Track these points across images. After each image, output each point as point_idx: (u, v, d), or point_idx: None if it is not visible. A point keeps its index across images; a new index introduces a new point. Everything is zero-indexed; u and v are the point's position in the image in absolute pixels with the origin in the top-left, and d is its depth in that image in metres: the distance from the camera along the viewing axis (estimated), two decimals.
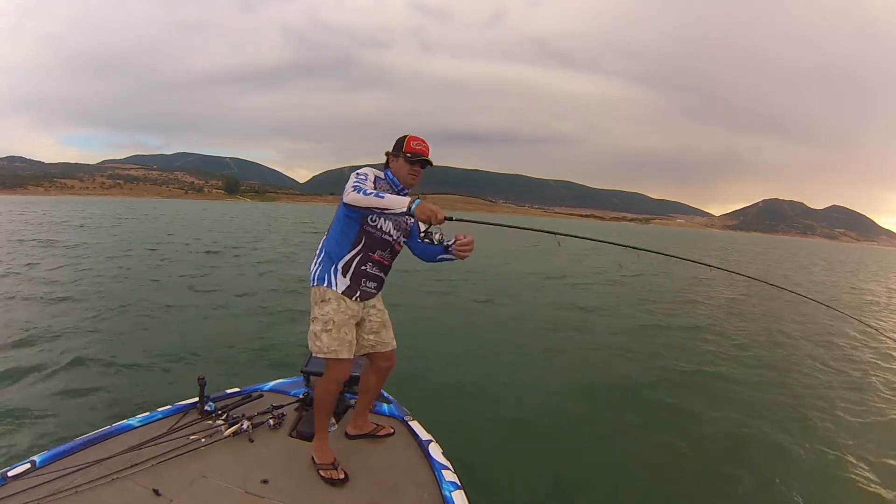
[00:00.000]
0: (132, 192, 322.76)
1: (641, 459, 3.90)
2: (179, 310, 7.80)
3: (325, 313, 2.37)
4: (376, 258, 2.45)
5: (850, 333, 9.18)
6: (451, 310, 9.11)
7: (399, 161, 2.44)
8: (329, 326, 2.35)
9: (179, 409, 2.78)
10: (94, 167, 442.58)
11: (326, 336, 2.35)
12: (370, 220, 2.40)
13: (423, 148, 2.44)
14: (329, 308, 2.37)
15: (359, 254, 2.41)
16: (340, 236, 2.42)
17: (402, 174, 2.44)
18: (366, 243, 2.42)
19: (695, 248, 42.12)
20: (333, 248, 2.42)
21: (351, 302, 2.41)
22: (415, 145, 2.42)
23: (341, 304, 2.38)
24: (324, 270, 2.40)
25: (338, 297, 2.38)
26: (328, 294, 2.38)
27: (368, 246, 2.42)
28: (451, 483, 2.24)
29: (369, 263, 2.44)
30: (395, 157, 2.46)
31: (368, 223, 2.40)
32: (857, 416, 5.16)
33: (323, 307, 2.38)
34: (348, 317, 2.40)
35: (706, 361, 6.75)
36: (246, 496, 2.10)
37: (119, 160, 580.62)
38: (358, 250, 2.41)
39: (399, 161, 2.44)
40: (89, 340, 5.99)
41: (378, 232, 2.43)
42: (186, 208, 73.84)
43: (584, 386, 5.46)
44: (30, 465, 2.16)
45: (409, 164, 2.42)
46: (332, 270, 2.39)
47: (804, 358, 7.27)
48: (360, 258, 2.41)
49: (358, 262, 2.41)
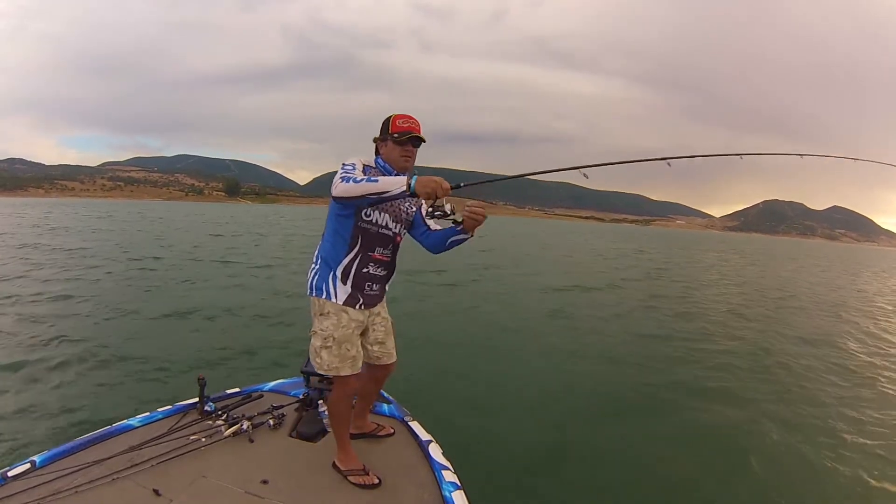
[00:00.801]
0: (133, 194, 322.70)
1: (646, 460, 3.90)
2: (179, 310, 7.79)
3: (324, 328, 2.20)
4: (377, 257, 2.25)
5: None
6: (452, 309, 9.11)
7: (388, 144, 2.21)
8: (329, 343, 2.19)
9: (179, 409, 2.78)
10: (95, 169, 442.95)
11: (326, 353, 2.20)
12: (364, 214, 2.18)
13: (412, 124, 2.20)
14: (328, 323, 2.20)
15: (357, 255, 2.21)
16: (335, 238, 2.22)
17: (394, 158, 2.21)
18: (363, 242, 2.21)
19: (696, 248, 42.16)
20: (329, 253, 2.23)
21: (354, 311, 2.23)
22: (401, 123, 2.19)
23: (342, 318, 2.20)
24: (321, 279, 2.21)
25: (338, 310, 2.19)
26: (327, 307, 2.20)
27: (366, 244, 2.21)
28: (451, 483, 2.24)
29: (371, 264, 2.24)
30: (384, 142, 2.23)
31: (363, 219, 2.18)
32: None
33: (322, 321, 2.21)
34: (351, 331, 2.22)
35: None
36: (246, 496, 2.10)
37: (120, 162, 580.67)
38: (356, 251, 2.21)
39: (388, 144, 2.21)
40: (89, 341, 5.98)
41: (375, 227, 2.22)
42: (187, 210, 73.88)
43: (586, 385, 5.46)
44: (30, 465, 2.16)
45: (399, 145, 2.20)
46: (330, 278, 2.20)
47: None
48: (359, 260, 2.21)
49: (358, 264, 2.21)
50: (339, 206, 2.15)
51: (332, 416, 2.38)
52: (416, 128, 2.21)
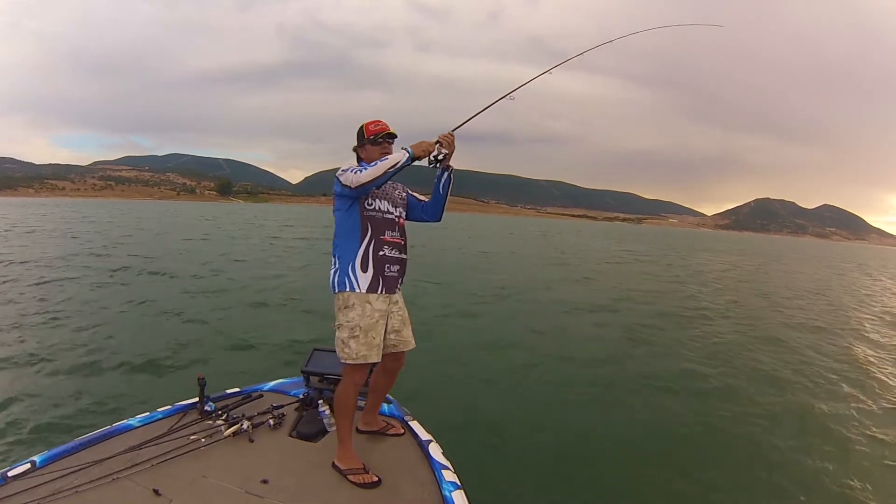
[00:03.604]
0: (123, 193, 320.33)
1: (648, 460, 3.91)
2: (179, 310, 7.78)
3: (350, 319, 2.35)
4: (388, 239, 2.44)
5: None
6: (452, 308, 9.11)
7: (367, 148, 2.49)
8: (356, 332, 2.34)
9: (179, 409, 2.78)
10: (86, 168, 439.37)
11: (355, 342, 2.34)
12: (367, 204, 2.41)
13: (382, 125, 2.50)
14: (354, 314, 2.35)
15: (371, 241, 2.39)
16: (346, 232, 2.41)
17: (375, 157, 2.44)
18: (373, 228, 2.41)
19: (688, 248, 42.38)
20: (345, 248, 2.41)
21: (376, 300, 2.39)
22: (373, 127, 2.49)
23: (366, 308, 2.36)
24: (342, 274, 2.38)
25: (362, 300, 2.36)
26: (351, 299, 2.36)
27: (376, 230, 2.41)
28: (451, 483, 2.25)
29: (385, 247, 2.42)
30: (362, 147, 2.52)
31: (367, 208, 2.41)
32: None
33: (347, 313, 2.36)
34: (375, 319, 2.38)
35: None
36: (246, 496, 2.10)
37: (111, 161, 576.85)
38: (369, 238, 2.39)
39: (367, 148, 2.49)
40: (89, 341, 5.97)
41: (379, 213, 2.44)
42: (179, 210, 73.47)
43: (587, 386, 5.47)
44: (30, 465, 2.16)
45: (376, 146, 2.47)
46: (350, 271, 2.37)
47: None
48: (373, 245, 2.40)
49: (373, 249, 2.40)
50: (345, 203, 2.40)
51: (338, 407, 2.44)
52: (386, 126, 2.51)
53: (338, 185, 2.36)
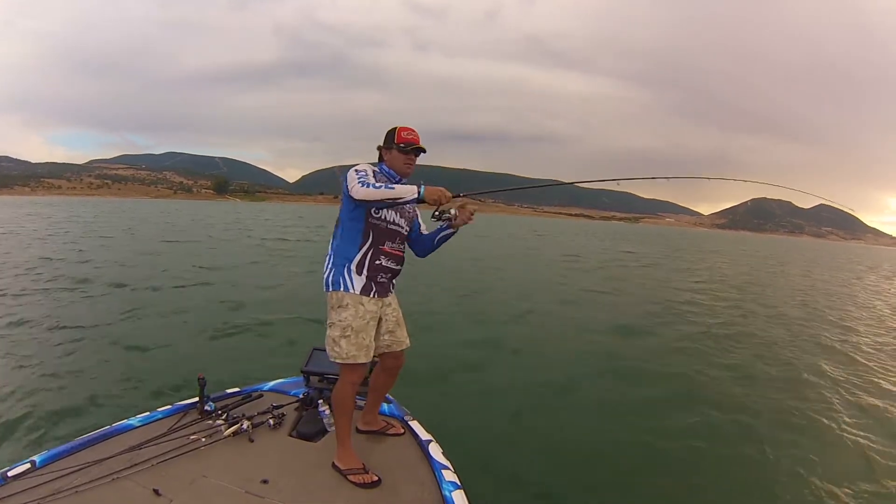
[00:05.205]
0: (120, 192, 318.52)
1: (649, 460, 3.91)
2: (179, 310, 7.75)
3: (342, 319, 2.36)
4: (387, 250, 2.44)
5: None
6: (452, 307, 9.12)
7: (392, 153, 2.46)
8: (348, 332, 2.35)
9: (179, 409, 2.79)
10: (82, 167, 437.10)
11: (345, 342, 2.35)
12: (374, 212, 2.39)
13: (414, 136, 2.46)
14: (347, 314, 2.36)
15: (370, 249, 2.39)
16: (348, 235, 2.40)
17: (398, 165, 2.45)
18: (374, 236, 2.40)
19: (686, 249, 42.38)
20: (344, 249, 2.40)
21: (369, 302, 2.40)
22: (405, 135, 2.44)
23: (359, 309, 2.37)
24: (337, 273, 2.38)
25: (355, 300, 2.36)
26: (345, 299, 2.36)
27: (377, 239, 2.41)
28: (451, 483, 2.26)
29: (383, 256, 2.42)
30: (388, 150, 2.48)
31: (373, 216, 2.39)
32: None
33: (340, 313, 2.37)
34: (367, 321, 2.39)
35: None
36: (246, 496, 2.10)
37: (107, 160, 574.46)
38: (368, 245, 2.39)
39: (392, 153, 2.46)
40: (88, 340, 5.95)
41: (384, 223, 2.42)
42: (173, 208, 73.28)
43: (588, 384, 5.49)
44: (30, 465, 2.16)
45: (402, 154, 2.44)
46: (345, 272, 2.37)
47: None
48: (371, 253, 2.40)
49: (371, 257, 2.40)
50: (351, 206, 2.35)
51: (336, 405, 2.44)
52: (419, 140, 2.47)
53: (345, 185, 2.35)
